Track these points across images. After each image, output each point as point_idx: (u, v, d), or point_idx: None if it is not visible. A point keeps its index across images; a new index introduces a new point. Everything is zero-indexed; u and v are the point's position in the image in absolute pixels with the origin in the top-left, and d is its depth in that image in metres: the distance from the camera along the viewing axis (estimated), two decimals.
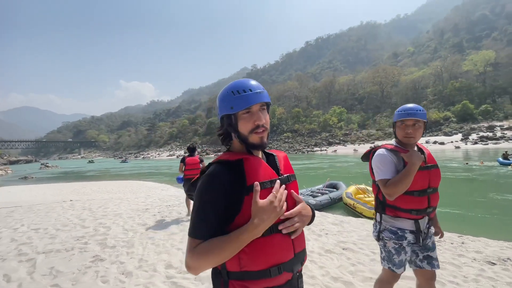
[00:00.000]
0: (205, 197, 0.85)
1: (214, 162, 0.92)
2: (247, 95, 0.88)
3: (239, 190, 0.85)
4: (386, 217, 1.71)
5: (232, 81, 0.96)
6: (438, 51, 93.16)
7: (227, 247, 0.80)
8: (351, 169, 18.20)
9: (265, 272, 0.84)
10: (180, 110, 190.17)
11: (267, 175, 0.90)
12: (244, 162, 0.89)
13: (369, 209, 6.11)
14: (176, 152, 78.46)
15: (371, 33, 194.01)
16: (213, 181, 0.85)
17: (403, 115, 1.67)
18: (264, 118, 0.92)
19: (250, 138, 0.91)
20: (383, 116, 59.97)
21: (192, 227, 0.85)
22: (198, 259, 0.80)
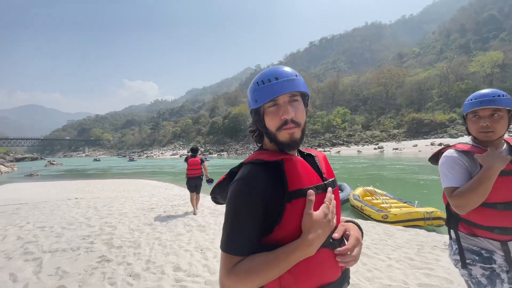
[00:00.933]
0: (241, 204, 0.72)
1: (248, 162, 0.79)
2: (271, 84, 0.76)
3: (279, 197, 0.72)
4: (462, 234, 1.32)
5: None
6: (444, 52, 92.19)
7: (274, 267, 0.67)
8: (357, 171, 18.01)
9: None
10: (184, 110, 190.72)
11: (311, 180, 0.76)
12: (285, 163, 0.75)
13: (377, 211, 5.96)
14: (179, 152, 78.68)
15: (376, 33, 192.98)
16: (249, 185, 0.72)
17: (474, 104, 1.30)
18: (294, 111, 0.77)
19: (279, 135, 0.78)
20: (388, 117, 59.48)
21: (227, 241, 0.72)
22: (239, 280, 0.68)
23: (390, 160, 24.73)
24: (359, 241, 0.79)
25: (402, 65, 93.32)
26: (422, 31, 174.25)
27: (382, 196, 7.44)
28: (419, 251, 3.45)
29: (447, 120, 48.39)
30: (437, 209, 5.57)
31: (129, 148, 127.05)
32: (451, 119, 48.48)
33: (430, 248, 3.57)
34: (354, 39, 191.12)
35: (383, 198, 7.22)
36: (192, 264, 3.15)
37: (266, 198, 0.72)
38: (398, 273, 2.80)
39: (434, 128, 47.84)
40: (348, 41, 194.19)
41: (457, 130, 44.96)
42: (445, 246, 3.64)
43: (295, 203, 0.72)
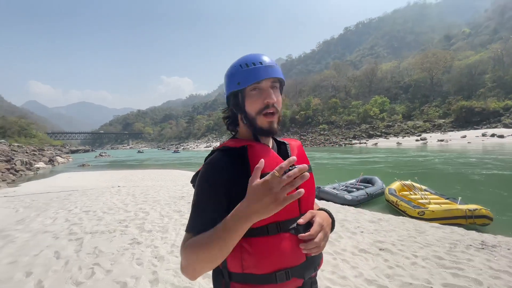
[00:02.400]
0: (203, 187, 0.73)
1: (216, 150, 0.80)
2: (257, 68, 0.77)
3: (243, 182, 0.69)
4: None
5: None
6: (499, 32, 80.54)
7: (216, 238, 0.64)
8: (395, 164, 16.93)
9: (270, 277, 0.72)
10: (216, 103, 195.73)
11: (274, 165, 0.73)
12: (249, 150, 0.76)
13: (413, 207, 5.58)
14: (213, 144, 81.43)
15: (420, 14, 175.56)
16: (212, 170, 0.74)
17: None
18: (276, 97, 0.78)
19: (258, 120, 0.78)
20: (432, 106, 54.39)
21: (189, 221, 0.73)
22: (187, 256, 0.67)
23: (436, 153, 22.75)
24: (324, 228, 0.77)
25: (449, 48, 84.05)
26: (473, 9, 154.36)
27: (421, 191, 6.93)
28: (451, 249, 3.18)
29: (501, 108, 42.77)
30: (482, 207, 5.03)
31: (168, 141, 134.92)
32: (506, 107, 42.75)
33: (464, 247, 3.26)
34: (394, 22, 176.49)
35: (422, 193, 6.72)
36: None
37: (229, 182, 0.72)
38: (423, 271, 2.62)
39: (487, 117, 42.69)
40: (388, 24, 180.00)
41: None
42: (481, 246, 3.31)
43: None
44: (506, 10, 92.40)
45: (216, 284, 0.80)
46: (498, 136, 33.41)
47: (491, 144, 28.07)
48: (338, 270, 2.67)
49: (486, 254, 3.05)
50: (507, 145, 26.39)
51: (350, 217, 4.78)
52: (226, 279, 0.76)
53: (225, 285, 0.77)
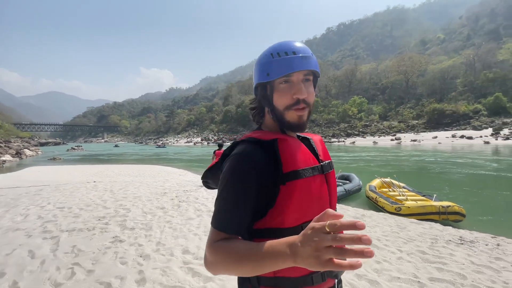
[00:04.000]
0: (235, 179, 0.67)
1: (242, 141, 0.74)
2: (289, 58, 0.70)
3: (273, 177, 0.67)
4: None
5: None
6: (472, 39, 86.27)
7: (254, 259, 0.56)
8: (372, 162, 17.60)
9: (305, 279, 0.68)
10: (198, 98, 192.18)
11: (307, 161, 0.71)
12: (279, 144, 0.70)
13: (391, 204, 5.81)
14: (194, 139, 79.87)
15: (398, 18, 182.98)
16: (245, 161, 0.67)
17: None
18: (308, 91, 0.72)
19: (286, 115, 0.73)
20: (407, 108, 57.18)
21: (217, 216, 0.67)
22: (214, 253, 0.62)
23: (410, 152, 23.94)
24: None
25: (425, 52, 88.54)
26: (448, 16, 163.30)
27: (399, 188, 7.24)
28: (433, 245, 3.34)
29: (471, 111, 45.91)
30: (455, 204, 5.34)
31: (146, 135, 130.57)
32: (475, 110, 45.96)
33: (444, 242, 3.44)
34: (374, 25, 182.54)
35: (400, 190, 7.02)
36: (200, 247, 3.21)
37: (260, 176, 0.67)
38: (409, 266, 2.72)
39: (457, 119, 45.60)
40: (368, 26, 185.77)
41: (481, 122, 42.69)
42: (460, 241, 3.50)
43: (290, 185, 0.68)
44: (479, 17, 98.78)
45: (243, 286, 0.74)
46: (467, 137, 35.79)
47: (460, 145, 30.05)
48: None
49: (466, 249, 3.24)
50: (476, 146, 28.39)
51: None
52: (254, 284, 0.70)
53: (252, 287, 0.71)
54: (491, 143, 30.62)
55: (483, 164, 14.67)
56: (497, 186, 9.42)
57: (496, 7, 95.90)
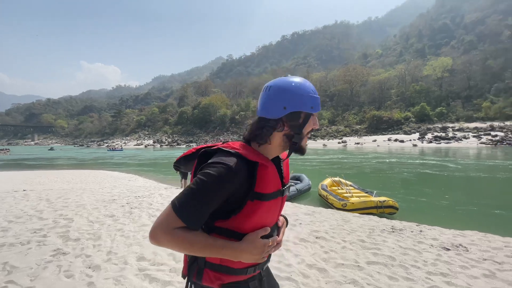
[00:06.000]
0: (215, 186, 0.75)
1: (232, 153, 0.82)
2: (319, 98, 0.88)
3: (244, 192, 0.81)
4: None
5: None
6: (403, 55, 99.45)
7: (206, 249, 0.77)
8: (324, 163, 18.94)
9: (242, 270, 0.87)
10: (150, 97, 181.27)
11: (275, 186, 0.87)
12: (259, 167, 0.82)
13: (339, 200, 6.42)
14: (145, 142, 74.93)
15: (344, 32, 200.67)
16: (230, 176, 0.76)
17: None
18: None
19: (303, 141, 0.89)
20: (351, 114, 63.04)
21: (183, 206, 0.74)
22: (172, 241, 0.74)
23: (357, 153, 26.39)
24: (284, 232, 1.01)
25: (366, 64, 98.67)
26: (385, 34, 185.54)
27: (346, 186, 8.01)
28: (370, 234, 3.84)
29: (402, 118, 52.80)
30: (390, 199, 6.16)
31: (87, 136, 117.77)
32: (406, 117, 53.02)
33: (379, 231, 3.99)
34: (324, 36, 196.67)
35: (347, 188, 7.78)
36: (157, 253, 3.13)
37: (235, 188, 0.78)
38: (351, 253, 3.10)
39: (391, 125, 51.94)
40: (318, 37, 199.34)
41: (411, 127, 49.39)
42: (392, 230, 4.10)
43: (256, 203, 0.81)
44: (409, 37, 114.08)
45: (190, 268, 0.89)
46: (400, 141, 41.07)
47: (394, 147, 34.28)
48: (284, 259, 2.91)
49: (396, 236, 3.80)
50: (406, 148, 32.69)
51: (289, 211, 5.20)
52: (201, 265, 0.87)
53: (198, 270, 0.87)
54: (418, 145, 35.67)
55: (412, 164, 17.06)
56: (423, 182, 11.08)
57: (423, 29, 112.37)
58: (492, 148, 29.46)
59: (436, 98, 57.24)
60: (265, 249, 0.83)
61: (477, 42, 79.02)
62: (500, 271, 2.77)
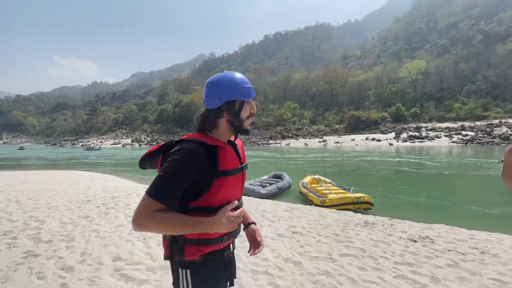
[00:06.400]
0: (180, 167, 0.89)
1: (192, 140, 0.96)
2: (251, 87, 1.04)
3: (210, 172, 0.95)
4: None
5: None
6: (381, 57, 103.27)
7: (185, 229, 0.91)
8: (305, 162, 19.33)
9: (218, 239, 1.01)
10: (128, 95, 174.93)
11: (235, 164, 1.04)
12: (219, 150, 0.98)
13: (318, 197, 6.64)
14: (122, 141, 72.32)
15: (325, 34, 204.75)
16: (190, 156, 0.91)
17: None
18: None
19: (245, 124, 1.05)
20: (331, 114, 64.70)
21: (157, 190, 0.87)
22: (153, 223, 0.85)
23: (337, 152, 27.13)
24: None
25: (346, 66, 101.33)
26: (364, 36, 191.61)
27: (325, 184, 8.27)
28: (344, 228, 4.03)
29: (379, 118, 54.94)
30: (366, 195, 6.46)
31: (60, 135, 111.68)
32: (382, 117, 55.23)
33: (353, 225, 4.19)
34: (305, 37, 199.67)
35: (326, 185, 8.04)
36: (134, 253, 3.10)
37: (200, 169, 0.92)
38: (325, 246, 3.25)
39: (369, 124, 53.90)
40: (300, 38, 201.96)
41: (387, 127, 51.52)
42: (365, 224, 4.32)
43: (221, 179, 0.97)
44: (387, 40, 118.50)
45: (172, 247, 1.01)
46: (377, 140, 42.72)
47: (371, 146, 35.64)
48: (261, 254, 2.99)
49: (368, 230, 4.02)
50: (383, 147, 34.09)
51: (268, 208, 5.31)
52: (181, 244, 0.98)
53: (179, 249, 0.98)
54: (394, 144, 37.30)
55: (388, 162, 17.87)
56: (398, 179, 11.66)
57: (399, 32, 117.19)
58: (462, 147, 31.45)
59: (411, 99, 60.12)
60: (235, 219, 0.98)
61: (450, 46, 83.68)
62: (463, 261, 3.00)
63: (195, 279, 1.00)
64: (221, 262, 1.06)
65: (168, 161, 0.92)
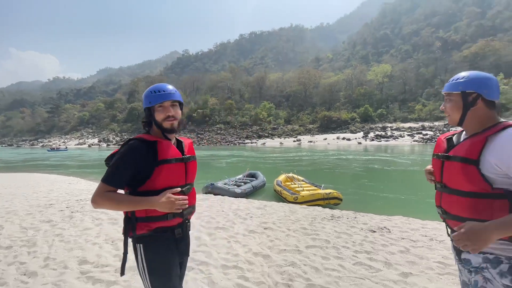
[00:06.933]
0: (125, 157, 1.19)
1: (135, 138, 1.25)
2: (161, 94, 1.26)
3: (151, 162, 1.21)
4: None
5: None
6: (350, 60, 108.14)
7: (129, 206, 1.18)
8: (281, 160, 19.72)
9: (163, 217, 1.23)
10: (94, 91, 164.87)
11: (174, 154, 1.28)
12: (158, 144, 1.25)
13: (291, 194, 6.91)
14: (88, 141, 68.06)
15: (298, 36, 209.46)
16: (133, 150, 1.20)
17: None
18: (174, 111, 1.29)
19: (164, 124, 1.28)
20: (305, 114, 66.58)
21: (107, 175, 1.18)
22: (105, 201, 1.15)
23: (310, 151, 27.98)
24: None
25: (318, 68, 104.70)
26: (336, 40, 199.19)
27: (299, 181, 8.58)
28: (312, 222, 4.28)
29: (349, 118, 57.67)
30: (335, 191, 6.84)
31: (17, 134, 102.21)
32: (352, 118, 58.04)
33: (320, 219, 4.46)
34: (280, 38, 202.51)
35: (299, 183, 8.34)
36: (101, 255, 3.04)
37: (141, 160, 1.19)
38: (293, 240, 3.45)
39: (340, 124, 56.35)
40: (275, 39, 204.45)
41: (356, 127, 54.23)
42: (331, 217, 4.61)
43: (161, 167, 1.22)
44: (356, 44, 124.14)
45: (126, 226, 1.24)
46: (347, 139, 44.78)
47: (342, 145, 37.30)
48: (232, 250, 3.10)
49: (333, 223, 4.30)
50: (352, 145, 35.82)
51: (242, 207, 5.43)
52: (133, 222, 1.22)
53: (132, 225, 1.22)
54: (362, 143, 39.38)
55: (357, 159, 18.88)
56: (365, 176, 12.39)
57: (367, 37, 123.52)
58: (423, 145, 34.11)
59: (378, 101, 63.87)
60: (174, 203, 1.19)
61: (412, 52, 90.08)
62: (413, 248, 3.35)
63: (147, 251, 1.24)
64: (171, 238, 1.28)
65: (116, 154, 1.23)
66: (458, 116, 1.19)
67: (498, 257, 1.06)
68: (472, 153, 1.07)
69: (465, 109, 1.16)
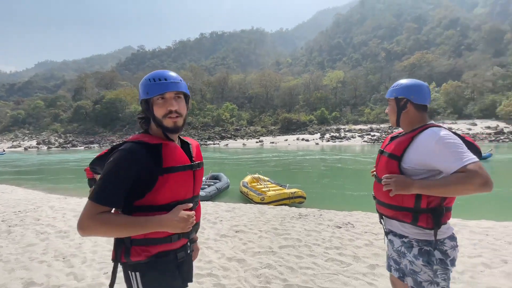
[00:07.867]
0: (117, 168, 0.89)
1: (131, 141, 0.96)
2: (161, 83, 0.97)
3: (154, 170, 0.93)
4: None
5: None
6: (308, 66, 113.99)
7: (134, 229, 0.89)
8: (244, 161, 19.70)
9: (166, 239, 0.98)
10: (32, 87, 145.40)
11: (182, 161, 1.02)
12: (163, 147, 0.98)
13: (258, 195, 6.94)
14: (24, 143, 59.60)
15: (259, 39, 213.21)
16: (129, 157, 0.91)
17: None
18: (178, 105, 1.00)
19: (164, 122, 0.99)
20: (267, 115, 68.07)
21: (97, 192, 0.87)
22: (99, 225, 0.85)
23: (272, 152, 28.52)
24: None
25: (279, 71, 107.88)
26: (294, 45, 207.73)
27: (265, 182, 8.66)
28: (282, 222, 4.34)
29: (307, 120, 60.73)
30: (299, 190, 7.07)
31: None
32: (310, 120, 61.24)
33: (289, 219, 4.55)
34: (242, 40, 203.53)
35: (265, 183, 8.42)
36: (51, 275, 2.65)
37: (140, 169, 0.91)
38: (266, 241, 3.44)
39: (299, 126, 58.91)
40: (236, 40, 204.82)
41: (314, 128, 57.29)
42: (299, 216, 4.74)
43: (167, 176, 0.95)
44: (313, 51, 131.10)
45: (118, 250, 0.97)
46: (306, 140, 46.89)
47: (301, 146, 38.90)
48: (204, 257, 2.96)
49: (302, 221, 4.42)
50: (311, 146, 37.61)
51: (210, 210, 5.26)
52: (127, 245, 0.95)
53: (125, 249, 0.95)
54: (319, 144, 41.61)
55: (316, 159, 19.84)
56: (325, 174, 13.07)
57: (323, 45, 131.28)
58: (371, 145, 37.33)
59: (332, 104, 68.46)
60: (188, 220, 0.96)
61: (362, 60, 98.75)
62: (376, 240, 3.59)
63: (146, 281, 0.97)
64: (173, 263, 1.02)
65: (107, 163, 0.92)
66: (394, 118, 1.38)
67: (410, 241, 1.24)
68: (397, 150, 1.26)
69: (398, 112, 1.35)
